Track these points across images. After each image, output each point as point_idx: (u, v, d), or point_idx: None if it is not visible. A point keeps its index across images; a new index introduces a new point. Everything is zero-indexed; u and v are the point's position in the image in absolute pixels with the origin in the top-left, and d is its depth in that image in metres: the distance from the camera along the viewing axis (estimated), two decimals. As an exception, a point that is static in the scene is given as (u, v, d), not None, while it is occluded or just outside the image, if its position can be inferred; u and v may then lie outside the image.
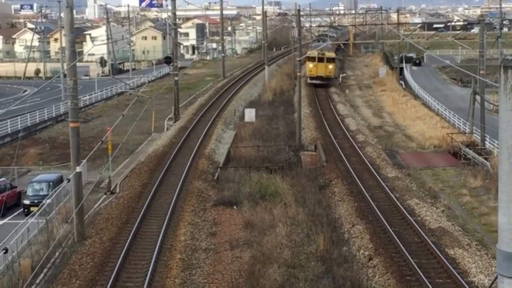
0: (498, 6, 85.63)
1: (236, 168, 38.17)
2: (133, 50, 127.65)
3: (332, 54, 75.78)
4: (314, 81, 74.61)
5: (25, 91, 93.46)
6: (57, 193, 32.39)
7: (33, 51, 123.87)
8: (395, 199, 31.91)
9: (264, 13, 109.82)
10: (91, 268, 23.66)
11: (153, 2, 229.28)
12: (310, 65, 74.69)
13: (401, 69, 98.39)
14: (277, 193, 32.24)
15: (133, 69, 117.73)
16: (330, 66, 74.91)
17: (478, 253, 25.28)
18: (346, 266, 23.64)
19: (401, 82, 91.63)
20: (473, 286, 21.68)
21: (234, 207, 31.28)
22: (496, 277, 6.40)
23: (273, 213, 28.95)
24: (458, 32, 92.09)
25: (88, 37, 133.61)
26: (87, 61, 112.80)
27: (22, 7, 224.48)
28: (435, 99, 68.32)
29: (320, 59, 73.76)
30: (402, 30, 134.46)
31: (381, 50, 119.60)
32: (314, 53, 73.36)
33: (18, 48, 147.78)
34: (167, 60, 66.62)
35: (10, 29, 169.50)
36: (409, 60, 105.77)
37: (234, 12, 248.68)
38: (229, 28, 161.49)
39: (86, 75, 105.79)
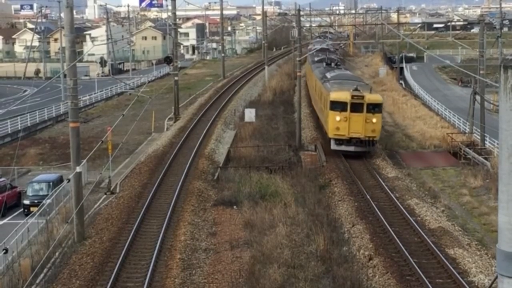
0: (498, 6, 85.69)
1: (236, 168, 38.17)
2: (133, 50, 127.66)
3: (377, 97, 42.42)
4: (344, 148, 41.02)
5: (25, 91, 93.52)
6: (57, 193, 32.38)
7: (33, 51, 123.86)
8: (395, 199, 31.92)
9: (264, 13, 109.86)
10: (91, 268, 23.66)
11: (153, 2, 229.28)
12: (336, 117, 40.76)
13: (401, 69, 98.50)
14: (277, 193, 32.23)
15: (133, 69, 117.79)
16: (375, 120, 40.64)
17: (478, 253, 25.28)
18: (346, 266, 23.64)
19: (401, 82, 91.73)
20: (473, 286, 21.69)
21: (234, 207, 31.27)
22: (496, 277, 6.40)
23: (273, 213, 28.95)
24: (458, 32, 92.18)
25: (88, 37, 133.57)
26: (87, 61, 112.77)
27: (22, 7, 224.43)
28: (435, 99, 68.36)
29: (356, 107, 40.57)
30: (402, 30, 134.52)
31: (381, 50, 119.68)
32: (343, 95, 40.95)
33: (18, 48, 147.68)
34: (167, 60, 66.63)
35: (10, 29, 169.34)
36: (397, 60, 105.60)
37: (234, 12, 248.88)
38: (229, 28, 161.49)
39: (86, 75, 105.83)
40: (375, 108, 40.86)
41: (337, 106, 40.89)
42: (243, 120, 54.48)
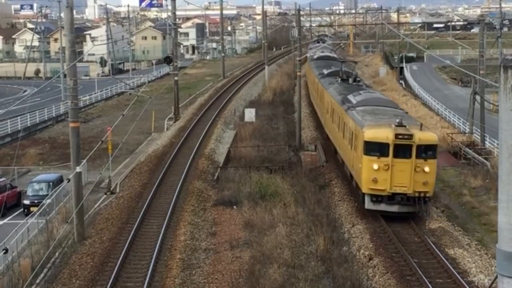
0: (498, 6, 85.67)
1: (236, 168, 38.15)
2: (133, 50, 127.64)
3: (431, 137, 29.66)
4: (384, 208, 29.09)
5: (25, 91, 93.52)
6: (57, 193, 32.37)
7: (33, 51, 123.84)
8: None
9: (264, 13, 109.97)
10: (91, 268, 23.67)
11: (153, 2, 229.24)
12: (373, 165, 28.87)
13: (401, 68, 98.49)
14: (277, 193, 32.22)
15: (133, 69, 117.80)
16: (427, 168, 28.70)
17: (478, 253, 25.29)
18: (346, 266, 23.63)
19: (401, 82, 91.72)
20: (473, 286, 21.70)
21: (234, 207, 31.26)
22: (496, 277, 6.41)
23: (273, 213, 28.93)
24: (458, 32, 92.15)
25: (88, 37, 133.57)
26: (87, 61, 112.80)
27: (22, 7, 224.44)
28: (435, 99, 68.33)
29: (402, 150, 28.82)
30: (402, 29, 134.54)
31: (381, 50, 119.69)
32: (383, 133, 28.99)
33: (18, 48, 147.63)
34: (167, 60, 66.63)
35: (10, 29, 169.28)
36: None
37: (234, 12, 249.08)
38: (229, 28, 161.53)
39: (86, 75, 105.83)
40: (427, 151, 28.90)
41: (374, 148, 28.92)
42: (243, 120, 54.48)
